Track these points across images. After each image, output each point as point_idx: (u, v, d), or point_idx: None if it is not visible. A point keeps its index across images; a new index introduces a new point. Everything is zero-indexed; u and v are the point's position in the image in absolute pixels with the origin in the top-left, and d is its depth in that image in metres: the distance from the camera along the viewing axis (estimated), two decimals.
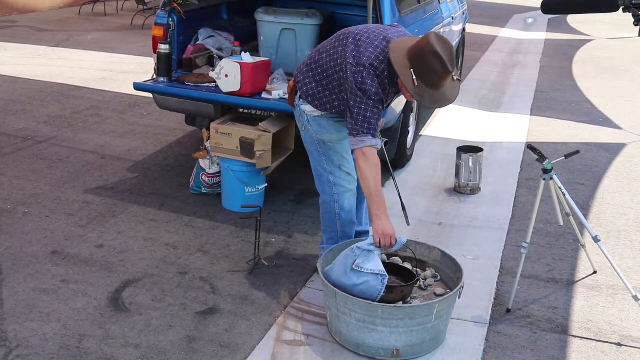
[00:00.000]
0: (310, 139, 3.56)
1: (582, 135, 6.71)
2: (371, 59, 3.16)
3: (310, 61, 3.45)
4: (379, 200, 3.19)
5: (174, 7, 5.00)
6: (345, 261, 3.13)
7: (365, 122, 3.17)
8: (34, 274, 3.67)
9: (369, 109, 3.16)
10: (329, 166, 3.57)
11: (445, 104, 3.20)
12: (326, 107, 3.41)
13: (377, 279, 3.06)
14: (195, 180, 4.81)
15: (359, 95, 3.15)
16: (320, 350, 3.14)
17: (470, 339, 3.28)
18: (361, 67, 3.16)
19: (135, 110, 6.82)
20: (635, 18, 2.74)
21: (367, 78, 3.15)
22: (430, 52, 3.01)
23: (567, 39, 12.92)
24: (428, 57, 3.01)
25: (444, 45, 3.03)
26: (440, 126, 6.75)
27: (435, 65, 3.02)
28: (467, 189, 5.05)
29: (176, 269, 3.80)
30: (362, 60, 3.17)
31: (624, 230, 4.57)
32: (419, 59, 3.04)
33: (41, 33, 10.76)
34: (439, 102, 3.18)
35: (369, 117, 3.17)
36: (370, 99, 3.15)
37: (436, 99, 3.14)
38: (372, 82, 3.15)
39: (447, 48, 3.04)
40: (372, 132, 3.19)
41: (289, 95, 3.64)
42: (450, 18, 6.84)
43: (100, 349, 3.07)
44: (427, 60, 3.01)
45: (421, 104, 3.17)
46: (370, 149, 3.18)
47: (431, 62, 3.01)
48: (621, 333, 3.38)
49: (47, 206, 4.51)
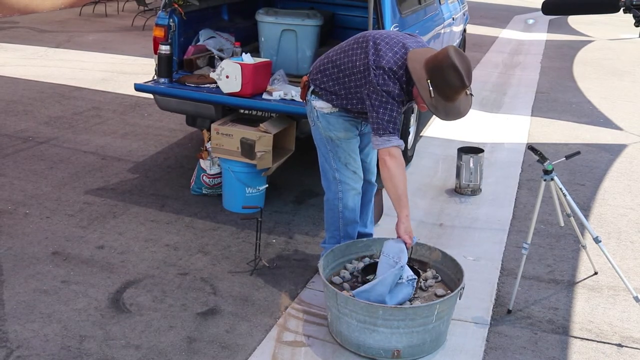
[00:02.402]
0: (319, 135, 3.59)
1: (582, 136, 6.71)
2: (390, 63, 3.20)
3: (327, 60, 3.48)
4: (407, 201, 3.28)
5: (175, 8, 5.00)
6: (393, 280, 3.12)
7: (391, 122, 3.21)
8: (34, 274, 3.67)
9: (394, 109, 3.20)
10: (336, 163, 3.59)
11: (458, 117, 3.22)
12: (342, 104, 3.45)
13: (409, 284, 3.15)
14: (196, 181, 4.81)
15: (384, 96, 3.18)
16: (320, 351, 3.14)
17: (471, 339, 3.28)
18: (381, 70, 3.19)
19: (136, 111, 6.82)
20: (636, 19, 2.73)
21: (388, 80, 3.19)
22: (449, 65, 3.03)
23: (568, 40, 12.91)
24: (446, 70, 3.04)
25: (462, 59, 3.06)
26: (441, 127, 6.74)
27: (453, 79, 3.05)
28: (468, 190, 5.05)
29: (177, 270, 3.80)
30: (381, 64, 3.20)
31: (625, 231, 4.57)
32: (437, 71, 3.07)
33: (42, 34, 10.77)
34: (453, 115, 3.20)
35: (395, 117, 3.21)
36: (395, 100, 3.20)
37: (450, 112, 3.16)
38: (394, 85, 3.19)
39: (465, 62, 3.07)
40: (397, 133, 3.24)
41: (301, 89, 3.67)
42: (450, 19, 6.85)
43: (101, 349, 3.07)
44: (445, 73, 3.04)
45: (435, 115, 3.20)
46: (396, 149, 3.22)
47: (449, 75, 3.04)
48: (622, 334, 3.38)
49: (48, 207, 4.51)
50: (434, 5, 6.23)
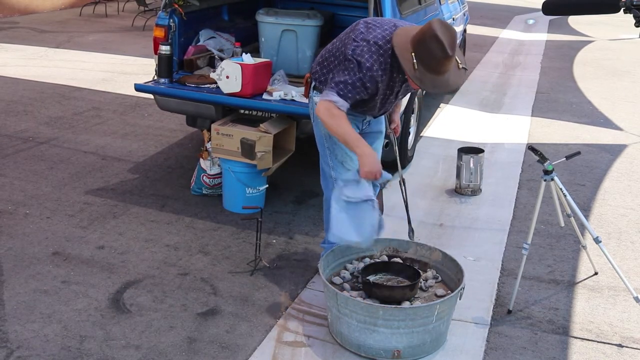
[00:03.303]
0: (318, 132, 3.58)
1: (583, 136, 6.71)
2: (377, 38, 3.16)
3: (325, 51, 3.47)
4: (354, 139, 3.16)
5: (175, 9, 5.01)
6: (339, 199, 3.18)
7: (341, 83, 3.13)
8: (34, 275, 3.67)
9: (354, 78, 3.12)
10: (332, 161, 3.58)
11: (447, 90, 3.17)
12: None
13: (367, 204, 3.13)
14: (196, 181, 4.81)
15: (352, 63, 3.12)
16: (321, 351, 3.14)
17: (471, 340, 3.28)
18: (364, 42, 3.15)
19: (136, 111, 6.83)
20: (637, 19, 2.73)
21: (366, 52, 3.14)
22: (431, 36, 2.99)
23: (568, 40, 12.92)
24: (428, 41, 2.99)
25: (445, 30, 3.01)
26: (441, 127, 6.75)
27: (435, 49, 2.99)
28: (468, 190, 5.05)
29: (177, 270, 3.80)
30: (367, 37, 3.17)
31: (625, 232, 4.57)
32: (420, 43, 3.02)
33: (42, 34, 10.77)
34: (440, 87, 3.13)
35: (350, 84, 3.12)
36: (361, 72, 3.13)
37: (438, 84, 3.10)
38: (370, 57, 3.13)
39: (449, 33, 3.01)
40: (341, 94, 3.13)
41: (305, 87, 3.67)
42: (451, 19, 6.85)
43: (101, 350, 3.07)
44: (428, 44, 2.99)
45: (422, 88, 3.14)
46: (329, 102, 3.13)
47: (431, 45, 2.99)
48: (622, 334, 3.38)
49: (48, 207, 4.51)
50: (434, 5, 6.23)
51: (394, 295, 3.18)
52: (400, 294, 3.20)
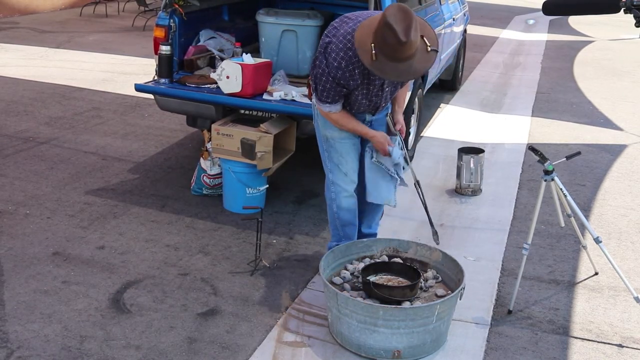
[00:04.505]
0: (319, 133, 3.59)
1: (583, 136, 6.71)
2: (346, 32, 3.14)
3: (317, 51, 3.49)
4: (362, 128, 3.44)
5: (175, 9, 5.01)
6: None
7: (318, 92, 3.30)
8: (35, 275, 3.67)
9: (326, 82, 3.23)
10: (329, 163, 3.59)
11: (412, 77, 3.13)
12: None
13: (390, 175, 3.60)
14: (196, 182, 4.81)
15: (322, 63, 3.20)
16: (321, 351, 3.14)
17: (472, 340, 3.28)
18: (334, 39, 3.16)
19: (137, 111, 6.83)
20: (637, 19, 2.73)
21: (333, 50, 3.15)
22: (383, 24, 2.92)
23: (568, 40, 12.91)
24: (382, 30, 2.92)
25: (401, 14, 2.91)
26: (441, 127, 6.75)
27: (388, 37, 2.91)
28: (468, 190, 5.05)
29: (177, 270, 3.80)
30: (338, 33, 3.16)
31: (625, 232, 4.56)
32: (376, 32, 2.96)
33: (42, 34, 10.77)
34: (404, 75, 3.07)
35: (325, 90, 3.26)
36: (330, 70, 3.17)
37: (401, 73, 3.02)
38: (337, 55, 3.14)
39: (404, 18, 2.90)
40: (327, 101, 3.32)
41: (308, 88, 3.69)
42: (451, 19, 6.84)
43: (101, 350, 3.07)
44: (382, 32, 2.93)
45: (385, 78, 3.10)
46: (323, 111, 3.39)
47: (385, 33, 2.91)
48: (622, 334, 3.38)
49: (49, 207, 4.51)
50: (435, 5, 6.23)
51: (394, 296, 3.18)
52: (400, 294, 3.20)
